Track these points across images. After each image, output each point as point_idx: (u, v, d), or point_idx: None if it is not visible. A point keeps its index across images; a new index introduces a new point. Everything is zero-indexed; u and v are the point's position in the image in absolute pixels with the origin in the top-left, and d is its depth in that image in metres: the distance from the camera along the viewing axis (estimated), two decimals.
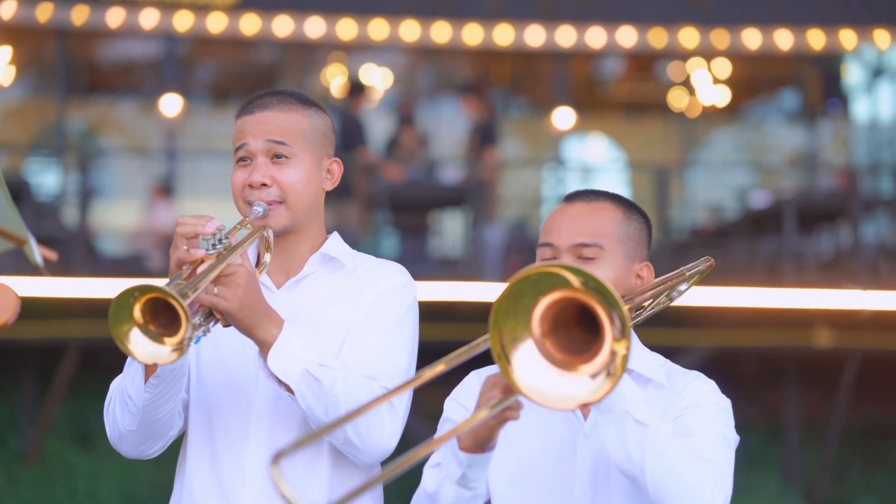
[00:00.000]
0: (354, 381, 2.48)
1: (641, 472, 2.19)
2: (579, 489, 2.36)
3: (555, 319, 1.96)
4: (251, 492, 2.57)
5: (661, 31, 13.41)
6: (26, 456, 9.64)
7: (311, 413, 2.46)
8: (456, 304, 9.10)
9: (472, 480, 2.22)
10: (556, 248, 2.39)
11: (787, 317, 9.77)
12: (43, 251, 3.61)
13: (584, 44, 13.45)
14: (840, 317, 9.69)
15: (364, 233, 10.56)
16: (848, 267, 10.37)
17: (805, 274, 10.31)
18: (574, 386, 1.94)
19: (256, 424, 2.59)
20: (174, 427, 2.62)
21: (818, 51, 13.82)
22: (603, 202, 2.45)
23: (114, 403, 2.58)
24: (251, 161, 2.63)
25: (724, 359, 10.01)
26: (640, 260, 2.46)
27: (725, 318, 9.73)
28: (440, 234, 11.47)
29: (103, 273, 9.48)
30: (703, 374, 2.44)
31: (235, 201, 2.65)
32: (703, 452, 2.25)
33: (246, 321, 2.41)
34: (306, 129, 2.65)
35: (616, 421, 2.18)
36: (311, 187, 2.64)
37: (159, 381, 2.47)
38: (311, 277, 2.66)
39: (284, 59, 14.79)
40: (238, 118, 2.69)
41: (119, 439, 2.60)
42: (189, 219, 2.41)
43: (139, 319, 2.24)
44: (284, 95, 2.69)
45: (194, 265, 2.37)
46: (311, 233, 2.68)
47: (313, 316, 2.60)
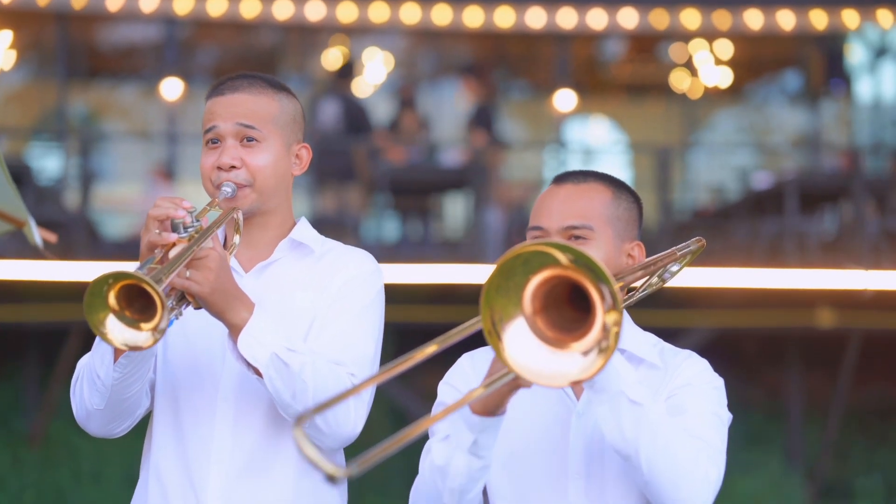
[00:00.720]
0: (322, 366, 2.49)
1: (636, 452, 2.19)
2: (573, 468, 2.37)
3: (546, 297, 1.97)
4: (217, 471, 2.58)
5: (663, 12, 13.37)
6: (31, 438, 9.66)
7: (279, 397, 2.48)
8: (457, 286, 9.11)
9: (483, 447, 2.22)
10: (546, 230, 2.40)
11: (788, 297, 9.76)
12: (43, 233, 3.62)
13: (585, 25, 13.42)
14: (842, 297, 9.68)
15: (365, 216, 10.55)
16: (850, 247, 10.36)
17: (807, 254, 10.29)
18: (566, 363, 1.94)
19: (222, 405, 2.60)
20: (141, 406, 2.63)
21: (821, 31, 13.78)
22: (592, 183, 2.46)
23: (81, 382, 2.58)
24: (220, 143, 2.64)
25: (726, 340, 10.01)
26: (631, 239, 2.46)
27: (727, 298, 9.73)
28: (441, 217, 11.47)
29: (105, 256, 9.48)
30: (705, 355, 2.45)
31: (204, 183, 2.66)
32: (697, 431, 2.26)
33: (217, 305, 2.43)
34: (276, 113, 2.66)
35: (610, 400, 2.18)
36: (280, 171, 2.66)
37: (128, 361, 2.48)
38: (279, 263, 2.68)
39: (285, 42, 14.76)
40: (208, 99, 2.70)
41: (86, 418, 2.61)
42: (163, 201, 2.43)
43: (114, 306, 2.25)
44: (255, 79, 2.70)
45: (166, 249, 2.38)
46: (279, 217, 2.69)
47: (281, 301, 2.61)
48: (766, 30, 13.56)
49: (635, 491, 2.33)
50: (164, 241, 2.37)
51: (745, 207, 11.36)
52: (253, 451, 2.58)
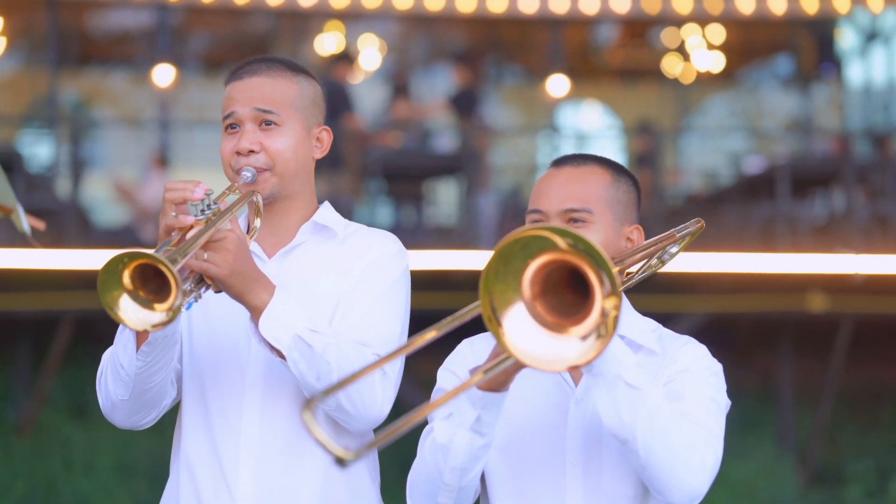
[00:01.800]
0: (346, 347, 2.47)
1: (633, 436, 2.18)
2: (571, 455, 2.36)
3: (545, 282, 1.96)
4: (247, 459, 2.57)
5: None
6: (21, 428, 9.65)
7: (303, 379, 2.46)
8: (450, 272, 9.10)
9: (486, 424, 2.20)
10: (545, 214, 2.39)
11: (780, 282, 9.77)
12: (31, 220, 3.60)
13: (578, 11, 13.39)
14: (833, 281, 9.69)
15: (357, 202, 10.53)
16: (841, 231, 10.36)
17: (799, 239, 10.30)
18: (565, 348, 1.94)
19: (250, 392, 2.58)
20: (167, 397, 2.62)
21: (812, 15, 13.76)
22: (591, 166, 2.44)
23: (106, 373, 2.57)
24: (239, 128, 2.61)
25: (718, 324, 10.01)
26: (630, 223, 2.45)
27: (719, 283, 9.73)
28: (434, 202, 11.45)
29: (96, 244, 9.45)
30: (697, 339, 2.44)
31: (224, 169, 2.64)
32: (695, 416, 2.25)
33: (237, 287, 2.40)
34: (295, 95, 2.64)
35: (608, 384, 2.17)
36: (300, 154, 2.63)
37: (151, 348, 2.47)
38: (303, 247, 2.65)
39: (277, 28, 14.72)
40: (227, 84, 2.67)
41: (112, 409, 2.59)
42: (177, 184, 2.40)
43: (129, 286, 2.23)
44: (273, 62, 2.67)
45: (183, 231, 2.36)
46: (301, 201, 2.67)
47: (305, 285, 2.59)
48: (758, 14, 13.54)
49: (633, 477, 2.32)
50: (182, 224, 2.35)
51: (738, 192, 11.36)
52: (282, 437, 2.56)
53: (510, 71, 16.24)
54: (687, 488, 2.23)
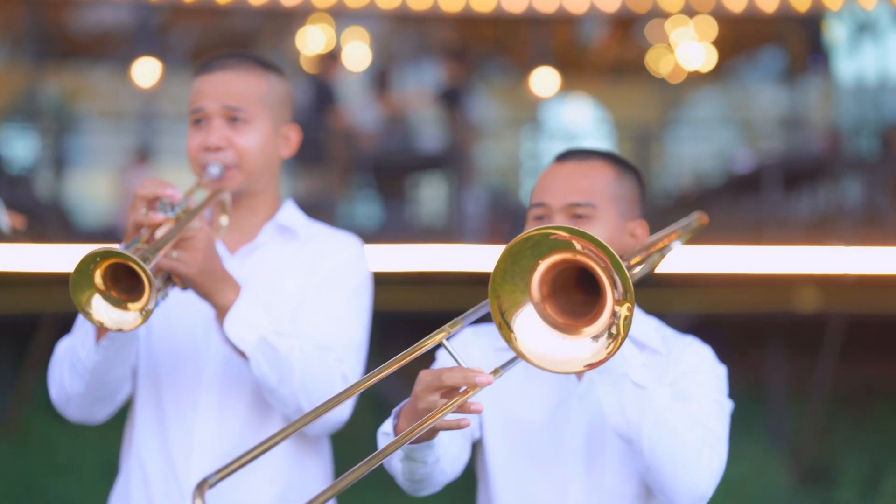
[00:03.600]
0: (310, 351, 2.46)
1: (638, 436, 2.15)
2: (574, 453, 2.34)
3: (553, 283, 1.92)
4: (199, 459, 2.53)
5: None
6: (3, 428, 9.56)
7: (265, 380, 2.43)
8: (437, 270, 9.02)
9: (418, 460, 2.11)
10: (549, 207, 2.36)
11: (770, 280, 9.73)
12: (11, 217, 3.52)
13: (564, 10, 13.32)
14: (824, 279, 9.65)
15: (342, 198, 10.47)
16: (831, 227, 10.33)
17: (788, 235, 10.26)
18: (578, 348, 1.89)
19: (206, 391, 2.55)
20: (122, 392, 2.58)
21: (803, 12, 13.72)
22: (596, 161, 2.41)
23: (61, 365, 2.52)
24: (207, 123, 2.58)
25: (707, 322, 9.96)
26: (634, 218, 2.43)
27: (708, 281, 9.68)
28: (420, 199, 11.41)
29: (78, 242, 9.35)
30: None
31: (191, 163, 2.60)
32: (700, 418, 2.22)
33: (205, 286, 2.39)
34: (264, 93, 2.61)
35: (614, 382, 2.15)
36: (268, 152, 2.61)
37: (111, 343, 2.42)
38: (265, 247, 2.64)
39: (261, 25, 14.64)
40: (196, 77, 2.63)
41: (66, 402, 2.55)
42: (150, 182, 2.37)
43: (101, 285, 2.19)
44: (244, 58, 2.65)
45: (152, 228, 2.33)
46: (266, 199, 2.65)
47: (266, 286, 2.57)
48: (748, 11, 13.49)
49: (636, 476, 2.31)
50: (151, 221, 2.33)
51: (727, 189, 11.33)
52: (237, 437, 2.55)
53: (498, 67, 16.19)
54: (692, 491, 2.19)
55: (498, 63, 16.16)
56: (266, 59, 2.70)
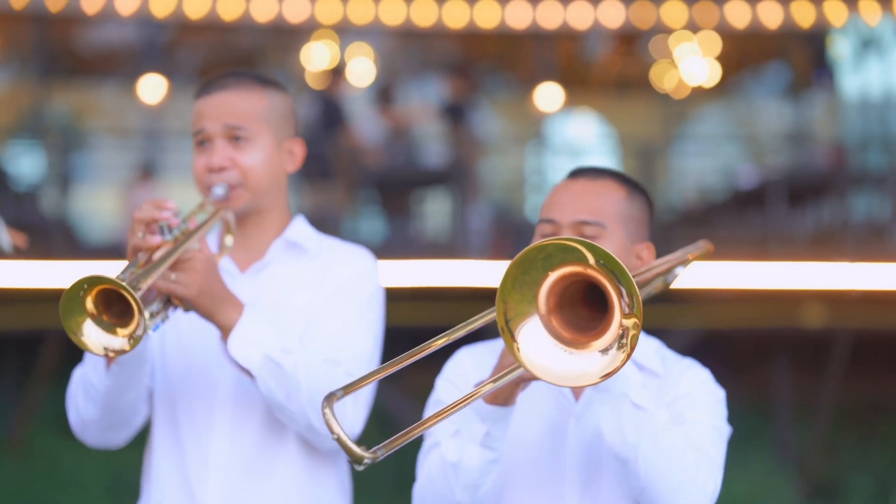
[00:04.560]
0: (317, 365, 2.45)
1: (634, 457, 2.15)
2: (570, 473, 2.33)
3: (560, 296, 1.92)
4: (215, 478, 2.53)
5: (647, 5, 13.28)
6: (9, 446, 9.56)
7: (273, 398, 2.44)
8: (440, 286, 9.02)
9: (495, 439, 2.18)
10: (558, 224, 2.35)
11: (776, 295, 9.71)
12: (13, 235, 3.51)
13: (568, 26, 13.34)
14: (830, 295, 9.64)
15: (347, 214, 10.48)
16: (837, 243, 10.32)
17: (794, 251, 10.25)
18: (588, 362, 1.89)
19: (220, 411, 2.56)
20: (139, 415, 2.58)
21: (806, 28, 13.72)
22: (607, 180, 2.40)
23: (76, 391, 2.54)
24: (209, 144, 2.59)
25: (712, 338, 9.94)
26: (641, 240, 2.42)
27: (713, 296, 9.67)
28: (423, 215, 11.42)
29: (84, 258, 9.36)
30: (691, 354, 2.44)
31: (197, 185, 2.61)
32: (697, 442, 2.22)
33: (205, 307, 2.39)
34: (265, 109, 2.61)
35: (613, 401, 2.14)
36: (272, 169, 2.61)
37: (120, 367, 2.43)
38: (275, 264, 2.64)
39: (266, 42, 14.68)
40: (196, 99, 2.64)
41: (82, 428, 2.57)
42: (148, 204, 2.38)
43: (92, 310, 2.19)
44: (242, 76, 2.65)
45: (150, 252, 2.33)
46: (274, 215, 2.66)
47: (277, 303, 2.57)
48: (752, 27, 13.49)
49: (631, 497, 2.29)
50: (148, 244, 2.34)
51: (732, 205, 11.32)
52: (251, 456, 2.55)
53: (502, 82, 16.21)
54: None
55: (502, 78, 16.18)
56: (265, 75, 2.71)
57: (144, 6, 12.73)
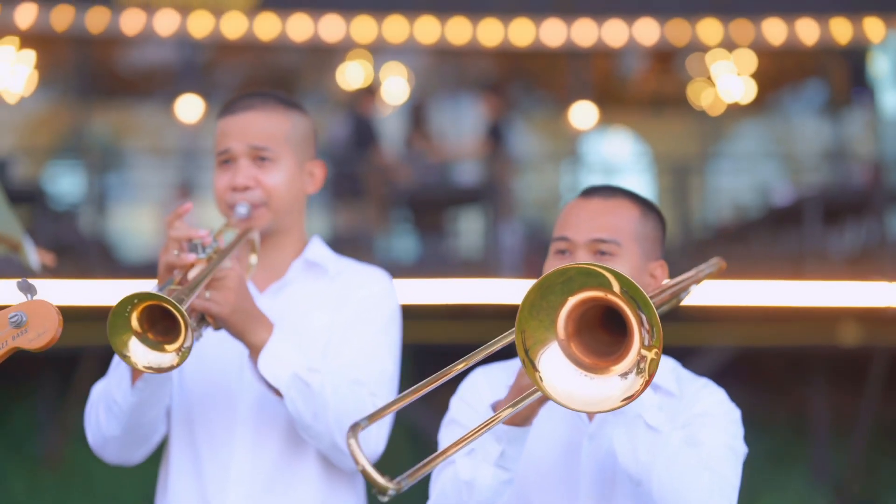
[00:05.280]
0: (343, 386, 2.47)
1: (648, 478, 2.14)
2: (584, 492, 2.32)
3: (579, 321, 1.92)
4: (235, 496, 2.54)
5: (683, 23, 13.26)
6: (46, 462, 9.64)
7: (299, 417, 2.45)
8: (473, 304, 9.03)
9: (510, 459, 2.18)
10: (573, 242, 2.35)
11: (812, 314, 9.63)
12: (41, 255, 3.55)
13: (603, 43, 13.33)
14: (867, 313, 9.55)
15: (380, 233, 10.50)
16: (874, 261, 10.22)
17: (830, 269, 10.16)
18: (608, 387, 1.89)
19: (241, 428, 2.57)
20: (158, 432, 2.60)
21: (843, 45, 13.63)
22: (621, 199, 2.41)
23: (97, 408, 2.55)
24: (234, 163, 2.61)
25: (749, 357, 9.88)
26: (655, 259, 2.42)
27: (749, 315, 9.60)
28: (456, 233, 11.42)
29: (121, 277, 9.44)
30: (727, 371, 2.43)
31: (217, 204, 2.64)
32: (712, 464, 2.21)
33: (238, 325, 2.41)
34: (289, 131, 2.64)
35: (627, 423, 2.14)
36: (294, 190, 2.65)
37: (146, 384, 2.45)
38: (294, 283, 2.66)
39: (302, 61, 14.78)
40: (220, 119, 2.67)
41: (103, 445, 2.58)
42: (182, 223, 2.41)
43: (137, 328, 2.21)
44: (268, 97, 2.68)
45: (184, 270, 2.36)
46: (293, 236, 2.68)
47: (297, 322, 2.59)
48: (788, 44, 13.42)
49: None
50: (184, 262, 2.36)
51: (767, 223, 11.23)
52: (272, 472, 2.56)
53: (537, 100, 16.20)
54: None
55: (537, 96, 16.18)
56: (288, 97, 2.73)
57: (183, 27, 12.87)
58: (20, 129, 14.70)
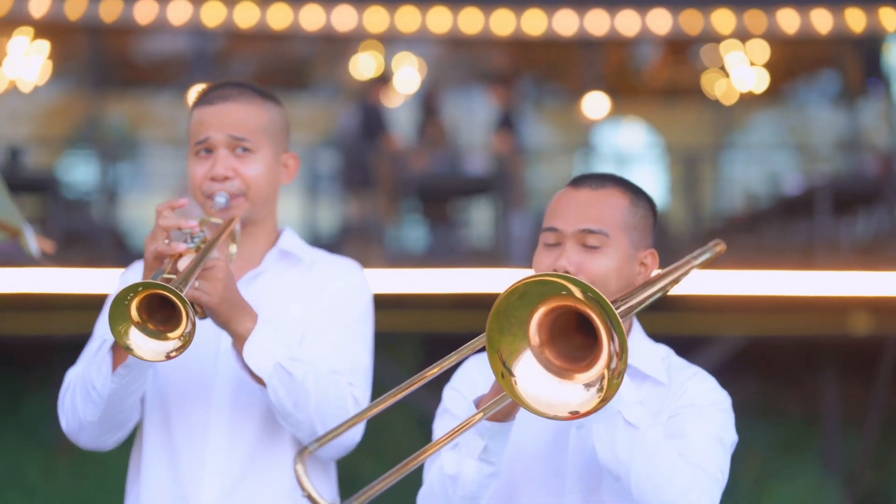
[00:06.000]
0: (324, 376, 2.50)
1: (627, 474, 2.15)
2: (570, 482, 2.33)
3: (553, 327, 1.93)
4: (211, 483, 2.56)
5: (695, 13, 13.22)
6: (60, 448, 9.70)
7: (280, 406, 2.48)
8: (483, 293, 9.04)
9: (493, 453, 2.19)
10: (561, 233, 2.34)
11: (823, 303, 9.62)
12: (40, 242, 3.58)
13: (616, 32, 13.31)
14: (878, 303, 9.53)
15: (390, 223, 10.52)
16: (884, 251, 10.19)
17: (841, 258, 10.14)
18: (569, 393, 1.91)
19: (217, 414, 2.59)
20: (133, 419, 2.61)
21: (858, 33, 13.57)
22: (610, 189, 2.39)
23: (72, 394, 2.57)
24: (213, 153, 2.62)
25: (759, 347, 9.87)
26: (645, 247, 2.40)
27: (760, 304, 9.60)
28: (467, 223, 11.43)
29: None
30: (736, 362, 2.41)
31: (193, 193, 2.66)
32: (694, 457, 2.21)
33: (224, 315, 2.43)
34: (266, 122, 2.67)
35: (606, 419, 2.14)
36: (271, 181, 2.68)
37: (127, 371, 2.46)
38: (268, 273, 2.69)
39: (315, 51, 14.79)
40: (196, 108, 2.68)
41: (78, 430, 2.59)
42: (169, 211, 2.43)
43: (136, 318, 2.24)
44: (244, 88, 2.70)
45: (174, 258, 2.38)
46: (266, 226, 2.71)
47: (272, 311, 2.60)
48: (802, 32, 13.36)
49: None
50: (173, 251, 2.37)
51: (778, 212, 11.21)
52: (248, 459, 2.57)
53: (549, 90, 16.18)
54: None
55: (549, 87, 16.16)
56: (263, 88, 2.75)
57: (196, 16, 12.90)
58: (35, 118, 14.77)
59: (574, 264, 2.31)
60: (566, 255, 2.31)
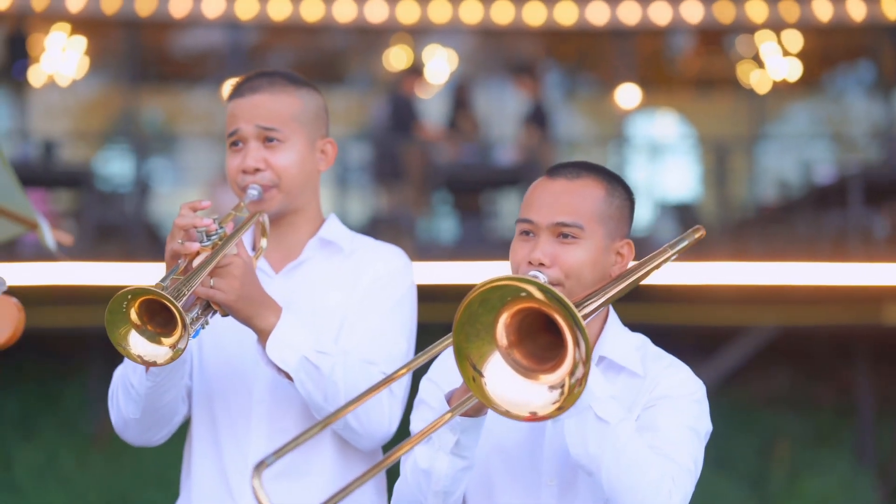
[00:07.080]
0: (353, 366, 2.48)
1: (598, 469, 2.14)
2: (547, 475, 2.32)
3: (520, 328, 1.93)
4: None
5: (728, 4, 13.15)
6: (96, 439, 9.79)
7: (311, 399, 2.47)
8: None
9: (466, 448, 2.18)
10: (536, 225, 2.32)
11: (856, 294, 9.55)
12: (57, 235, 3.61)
13: (649, 21, 13.25)
14: None
15: (420, 214, 10.53)
16: None
17: (874, 249, 10.06)
18: (533, 394, 1.92)
19: (258, 408, 2.59)
20: (178, 414, 2.62)
21: (893, 21, 13.43)
22: (585, 179, 2.36)
23: (117, 392, 2.58)
24: (243, 146, 2.62)
25: (791, 337, 9.82)
26: (622, 237, 2.37)
27: (793, 294, 9.54)
28: (497, 215, 11.42)
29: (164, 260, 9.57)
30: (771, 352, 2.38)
31: (231, 186, 2.65)
32: (667, 450, 2.20)
33: (244, 311, 2.41)
34: (298, 110, 2.63)
35: (577, 414, 2.12)
36: (305, 169, 2.64)
37: (159, 370, 2.47)
38: (309, 262, 2.66)
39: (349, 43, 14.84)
40: (230, 101, 2.67)
41: (124, 427, 2.60)
42: (187, 209, 2.41)
43: (136, 321, 2.23)
44: (275, 77, 2.66)
45: (189, 258, 2.36)
46: (308, 215, 2.68)
47: (311, 301, 2.59)
48: (836, 20, 13.25)
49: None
50: (187, 251, 2.34)
51: (810, 202, 11.14)
52: (289, 454, 2.55)
53: (582, 81, 16.14)
54: None
55: (582, 77, 16.11)
56: (296, 75, 2.71)
57: (230, 9, 12.99)
58: (72, 113, 14.93)
59: (548, 256, 2.29)
60: (540, 247, 2.29)
